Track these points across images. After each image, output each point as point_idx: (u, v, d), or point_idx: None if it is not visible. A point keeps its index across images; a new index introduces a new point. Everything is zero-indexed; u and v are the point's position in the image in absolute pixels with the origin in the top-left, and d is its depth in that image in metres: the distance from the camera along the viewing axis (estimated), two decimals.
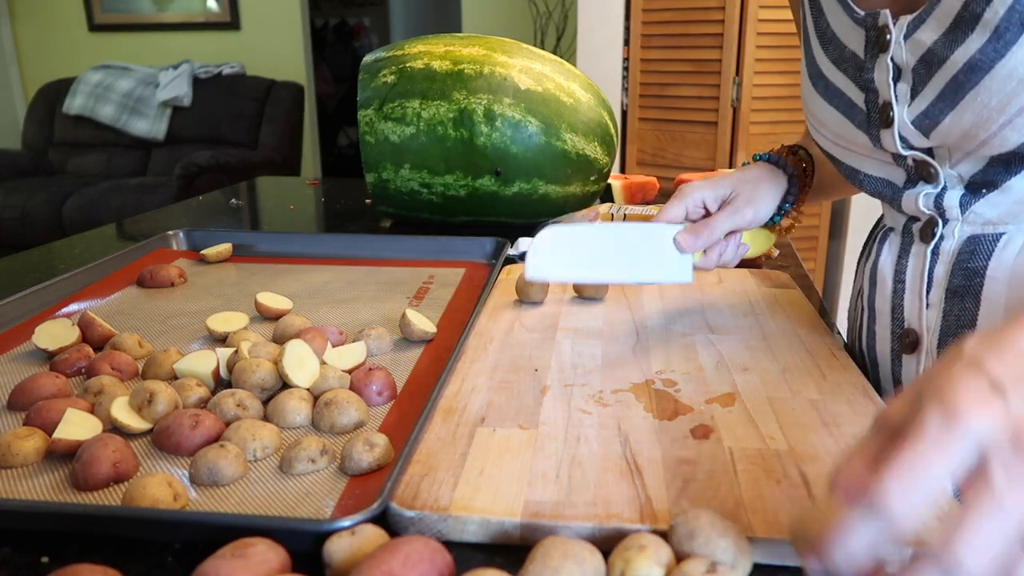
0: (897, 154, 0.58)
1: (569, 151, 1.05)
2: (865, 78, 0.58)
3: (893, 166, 0.61)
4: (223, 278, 0.91)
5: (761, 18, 2.23)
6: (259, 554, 0.37)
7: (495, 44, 1.08)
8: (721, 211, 0.70)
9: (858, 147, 0.62)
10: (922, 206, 0.59)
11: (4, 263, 0.98)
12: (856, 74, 0.59)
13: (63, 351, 0.65)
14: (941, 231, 0.59)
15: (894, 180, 0.62)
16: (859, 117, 0.60)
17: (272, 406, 0.55)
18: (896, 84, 0.56)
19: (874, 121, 0.59)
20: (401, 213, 1.13)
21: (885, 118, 0.57)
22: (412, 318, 0.69)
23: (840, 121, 0.62)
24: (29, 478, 0.48)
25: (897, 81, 0.56)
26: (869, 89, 0.58)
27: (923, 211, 0.59)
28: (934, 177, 0.58)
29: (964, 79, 0.51)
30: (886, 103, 0.57)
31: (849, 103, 0.60)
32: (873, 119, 0.59)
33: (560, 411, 0.53)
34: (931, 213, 0.59)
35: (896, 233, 0.65)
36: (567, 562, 0.35)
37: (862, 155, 0.63)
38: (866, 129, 0.60)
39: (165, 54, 4.24)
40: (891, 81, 0.56)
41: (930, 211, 0.59)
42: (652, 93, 2.49)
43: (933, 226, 0.59)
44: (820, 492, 0.43)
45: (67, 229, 3.37)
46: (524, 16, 3.90)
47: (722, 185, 0.71)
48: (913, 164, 0.58)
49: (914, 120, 0.55)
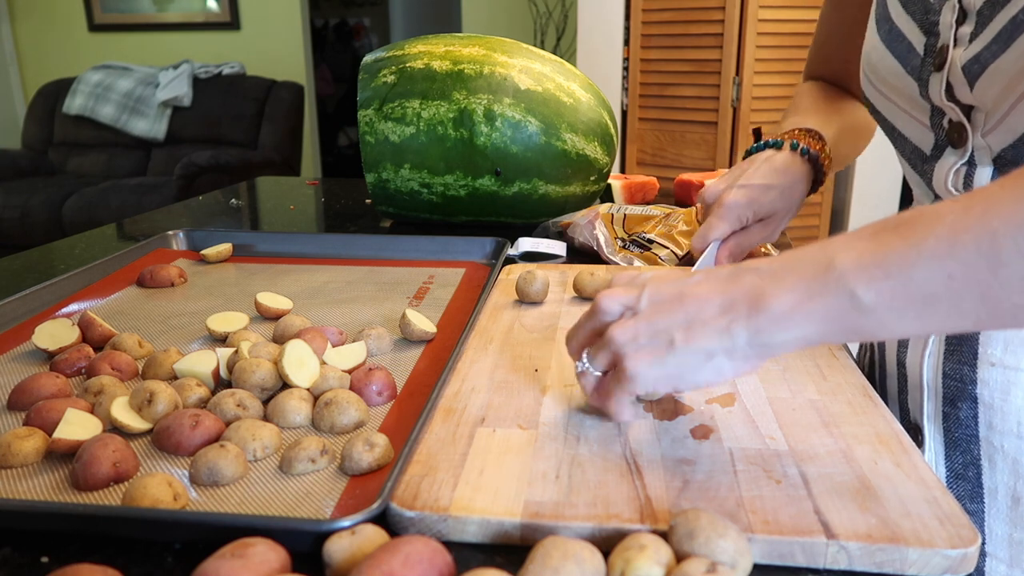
0: (937, 109, 0.59)
1: (569, 151, 1.05)
2: (930, 20, 0.59)
3: (927, 129, 0.61)
4: (223, 278, 0.91)
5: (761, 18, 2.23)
6: (259, 554, 0.37)
7: (495, 44, 1.08)
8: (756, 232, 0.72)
9: (902, 98, 0.63)
10: (950, 185, 0.60)
11: (4, 263, 0.98)
12: (922, 16, 0.60)
13: (63, 351, 0.65)
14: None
15: (923, 146, 0.63)
16: (914, 61, 0.61)
17: (272, 406, 0.55)
18: (959, 27, 0.57)
19: (927, 66, 0.59)
20: (401, 213, 1.13)
21: (939, 61, 0.58)
22: (412, 318, 0.69)
23: (893, 66, 0.63)
24: (29, 478, 0.48)
25: (960, 24, 0.57)
26: (932, 32, 0.59)
27: (951, 190, 0.60)
28: (963, 142, 0.58)
29: (1022, 18, 0.51)
30: (944, 46, 0.57)
31: (908, 47, 0.61)
32: (927, 64, 0.59)
33: (560, 411, 0.53)
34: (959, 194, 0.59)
35: None
36: (567, 562, 0.35)
37: (903, 109, 0.63)
38: (918, 75, 0.60)
39: (165, 54, 4.25)
40: (954, 23, 0.57)
41: (959, 190, 0.60)
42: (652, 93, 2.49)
43: None
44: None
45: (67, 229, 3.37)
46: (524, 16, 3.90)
47: (764, 204, 0.72)
48: (947, 126, 0.59)
49: (965, 65, 0.55)
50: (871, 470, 0.45)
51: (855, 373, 0.59)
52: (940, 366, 0.63)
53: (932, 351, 0.64)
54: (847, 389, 0.56)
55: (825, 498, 0.42)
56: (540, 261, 0.93)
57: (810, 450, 0.48)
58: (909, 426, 0.67)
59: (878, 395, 0.56)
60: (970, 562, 0.39)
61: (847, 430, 0.50)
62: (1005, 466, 0.60)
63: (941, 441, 0.64)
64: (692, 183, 1.23)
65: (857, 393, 0.56)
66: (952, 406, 0.63)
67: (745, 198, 0.71)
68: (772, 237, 0.75)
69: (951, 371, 0.62)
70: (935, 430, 0.64)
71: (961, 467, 0.63)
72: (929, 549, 0.38)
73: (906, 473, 0.45)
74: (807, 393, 0.56)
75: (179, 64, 3.96)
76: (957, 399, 0.62)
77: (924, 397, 0.65)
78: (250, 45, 4.30)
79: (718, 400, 0.55)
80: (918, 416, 0.66)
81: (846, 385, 0.57)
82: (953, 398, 0.62)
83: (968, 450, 0.62)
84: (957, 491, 0.63)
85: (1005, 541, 0.61)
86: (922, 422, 0.65)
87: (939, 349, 0.63)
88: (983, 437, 0.61)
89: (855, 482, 0.44)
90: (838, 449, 0.48)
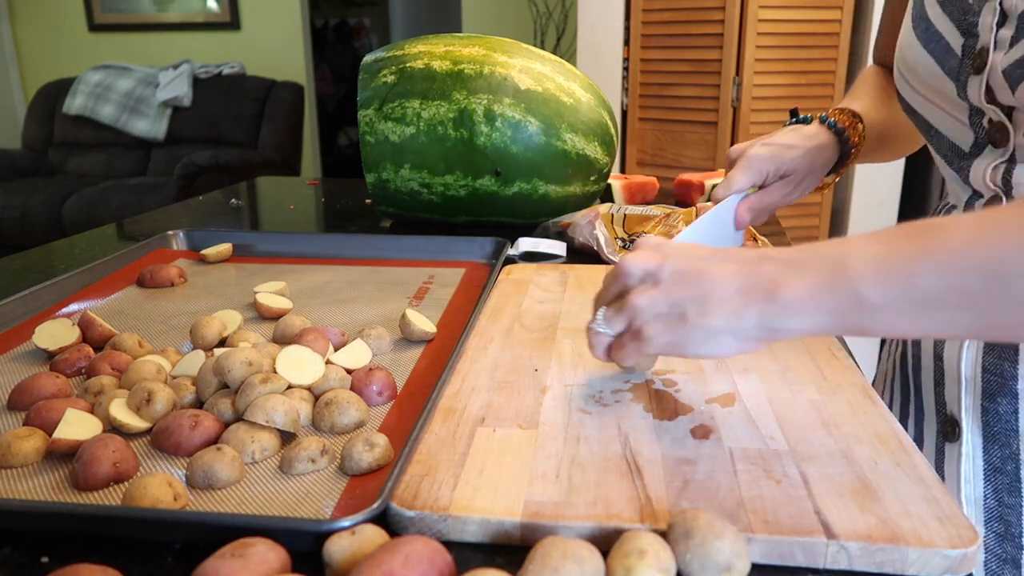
0: (977, 109, 0.59)
1: (569, 151, 1.05)
2: (969, 21, 0.58)
3: (966, 127, 0.61)
4: (223, 278, 0.91)
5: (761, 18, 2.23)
6: (259, 554, 0.37)
7: (495, 44, 1.08)
8: (776, 190, 0.73)
9: (939, 97, 0.63)
10: (989, 180, 0.60)
11: (4, 263, 0.98)
12: (960, 17, 0.59)
13: (63, 351, 0.65)
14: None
15: (961, 144, 0.62)
16: (951, 62, 0.60)
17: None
18: (999, 30, 0.56)
19: (965, 67, 0.59)
20: (401, 213, 1.13)
21: (979, 64, 0.57)
22: (412, 318, 0.69)
23: (931, 66, 0.62)
24: (29, 478, 0.48)
25: (1001, 27, 0.56)
26: (970, 33, 0.58)
27: (989, 185, 0.60)
28: (1005, 141, 0.58)
29: None
30: (984, 48, 0.57)
31: (945, 47, 0.61)
32: (965, 65, 0.59)
33: (560, 411, 0.53)
34: (997, 189, 0.60)
35: (958, 211, 0.65)
36: (567, 562, 0.35)
37: (940, 108, 0.63)
38: (955, 76, 0.60)
39: (165, 54, 4.24)
40: (995, 26, 0.56)
41: (996, 186, 0.60)
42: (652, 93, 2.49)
43: (997, 203, 0.60)
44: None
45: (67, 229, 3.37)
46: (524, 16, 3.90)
47: (787, 161, 0.73)
48: (988, 125, 0.59)
49: (1006, 69, 0.55)
50: (871, 470, 0.45)
51: (855, 373, 0.59)
52: (980, 360, 0.63)
53: (970, 344, 0.63)
54: (847, 389, 0.56)
55: (825, 498, 0.42)
56: (540, 261, 0.93)
57: (810, 450, 0.48)
58: (946, 418, 0.67)
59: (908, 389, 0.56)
60: (970, 562, 0.39)
61: (847, 430, 0.50)
62: None
63: (980, 435, 0.64)
64: (692, 183, 1.23)
65: (857, 393, 0.56)
66: (992, 400, 0.62)
67: (767, 153, 0.73)
68: (791, 198, 0.75)
69: (991, 366, 0.62)
70: (973, 423, 0.64)
71: (999, 461, 0.63)
72: (929, 549, 0.38)
73: (906, 473, 0.45)
74: (807, 393, 0.56)
75: (179, 64, 3.95)
76: (997, 394, 0.62)
77: (962, 391, 0.64)
78: (250, 45, 4.30)
79: (718, 400, 0.55)
80: (955, 409, 0.65)
81: (846, 385, 0.57)
82: (993, 393, 0.62)
83: (1007, 444, 0.62)
84: (995, 484, 0.63)
85: None
86: (960, 415, 0.65)
87: (978, 343, 0.63)
88: (1023, 432, 0.61)
89: (855, 482, 0.44)
90: (838, 449, 0.48)
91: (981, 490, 0.64)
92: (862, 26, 2.38)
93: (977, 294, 0.39)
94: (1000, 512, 0.63)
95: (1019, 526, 0.62)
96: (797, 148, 0.74)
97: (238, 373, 0.55)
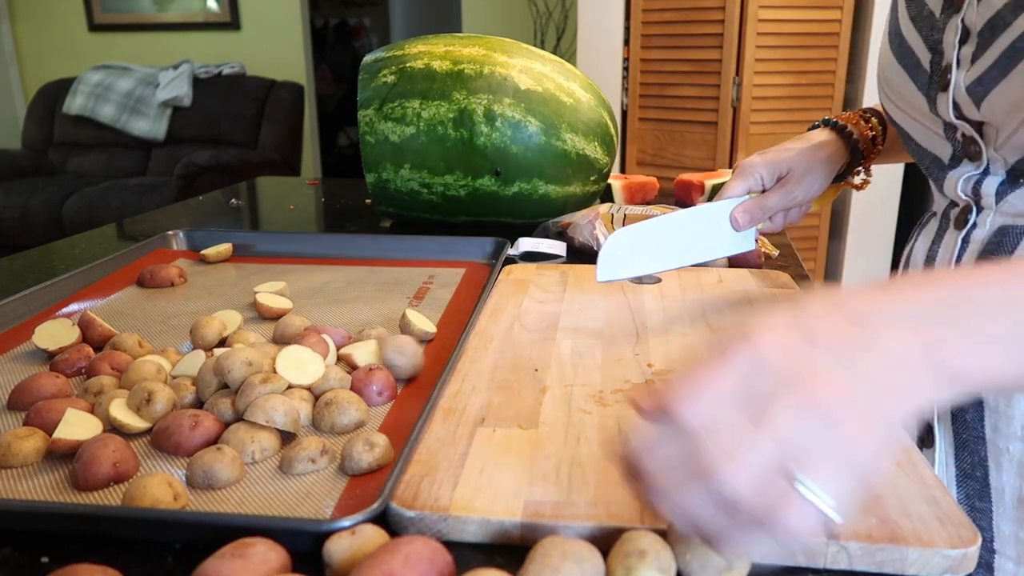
0: (949, 124, 0.60)
1: (569, 151, 1.05)
2: (935, 38, 0.59)
3: (943, 140, 0.62)
4: (223, 278, 0.91)
5: (761, 18, 2.23)
6: (259, 554, 0.37)
7: (495, 44, 1.08)
8: (774, 191, 0.73)
9: (916, 111, 0.63)
10: (960, 191, 0.61)
11: (4, 263, 0.98)
12: (928, 33, 0.60)
13: (63, 351, 0.65)
14: (974, 219, 0.60)
15: (940, 155, 0.63)
16: (922, 79, 0.61)
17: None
18: (961, 47, 0.57)
19: (934, 84, 0.60)
20: (401, 213, 1.13)
21: (944, 81, 0.58)
22: (412, 318, 0.69)
23: (905, 81, 0.63)
24: (29, 478, 0.48)
25: (963, 44, 0.56)
26: (936, 50, 0.59)
27: (960, 196, 0.61)
28: (978, 156, 0.59)
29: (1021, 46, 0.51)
30: (947, 65, 0.58)
31: (916, 63, 0.62)
32: (934, 82, 0.60)
33: (560, 411, 0.53)
34: (968, 199, 0.61)
35: (936, 218, 0.66)
36: (567, 562, 0.35)
37: (918, 121, 0.64)
38: (926, 91, 0.61)
39: (165, 54, 4.24)
40: (957, 43, 0.57)
41: (967, 197, 0.60)
42: (652, 93, 2.49)
43: (967, 213, 0.61)
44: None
45: (67, 229, 3.37)
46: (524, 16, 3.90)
47: (781, 163, 0.74)
48: (961, 139, 0.60)
49: (968, 86, 0.56)
50: None
51: None
52: None
53: None
54: None
55: None
56: (540, 261, 0.93)
57: None
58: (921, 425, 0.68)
59: None
60: (970, 562, 0.39)
61: None
62: (1011, 468, 0.61)
63: (950, 442, 0.65)
64: (692, 183, 1.23)
65: None
66: (959, 408, 0.63)
67: (762, 158, 0.74)
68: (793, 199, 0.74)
69: None
70: (944, 431, 0.66)
71: (969, 467, 0.64)
72: (929, 549, 0.38)
73: (906, 473, 0.45)
74: None
75: (179, 64, 3.95)
76: (963, 402, 0.63)
77: None
78: (250, 45, 4.30)
79: None
80: (930, 416, 0.67)
81: None
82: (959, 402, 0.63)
83: (975, 451, 0.63)
84: (967, 490, 0.64)
85: (1012, 539, 0.62)
86: (933, 422, 0.66)
87: None
88: (989, 439, 0.62)
89: None
90: None
91: (954, 495, 0.64)
92: (862, 26, 2.38)
93: None
94: (972, 517, 0.63)
95: (990, 531, 0.63)
96: (792, 149, 0.75)
97: (238, 373, 0.55)
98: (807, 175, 0.75)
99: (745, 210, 0.72)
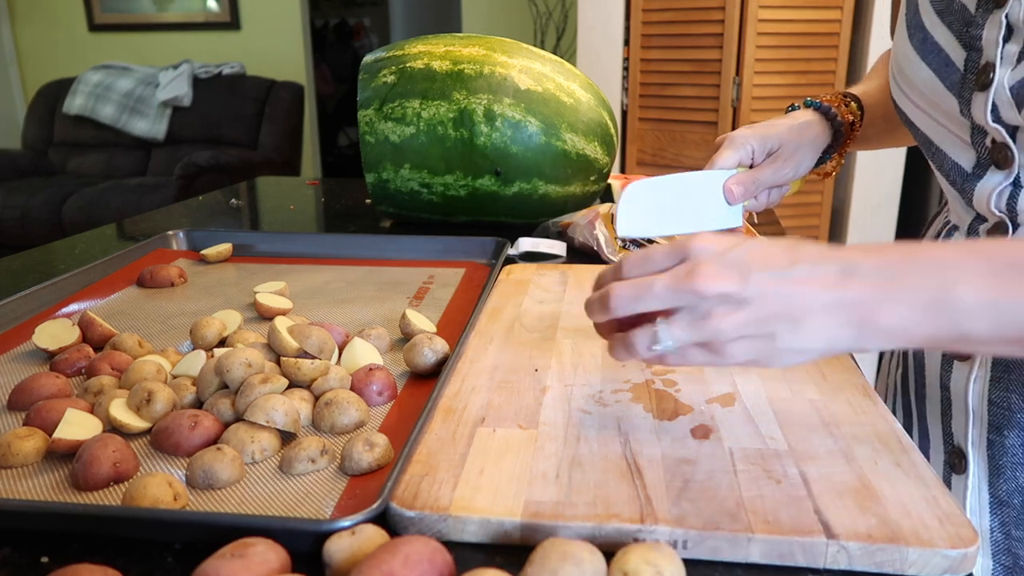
0: (979, 127, 0.56)
1: (569, 151, 1.05)
2: (971, 35, 0.55)
3: (966, 145, 0.58)
4: (223, 278, 0.91)
5: (761, 18, 2.24)
6: (259, 554, 0.37)
7: (495, 44, 1.08)
8: (766, 165, 0.72)
9: (941, 114, 0.59)
10: (993, 206, 0.57)
11: (4, 263, 0.98)
12: (962, 29, 0.56)
13: (63, 351, 0.65)
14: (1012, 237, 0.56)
15: (962, 162, 0.59)
16: (953, 76, 0.57)
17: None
18: (1005, 44, 0.53)
19: (969, 83, 0.56)
20: (401, 213, 1.13)
21: (984, 80, 0.54)
22: (412, 318, 0.69)
23: (930, 80, 0.59)
24: (29, 478, 0.48)
25: (1007, 41, 0.53)
26: (973, 47, 0.55)
27: (994, 211, 0.57)
28: (1008, 163, 0.55)
29: None
30: (988, 63, 0.54)
31: (945, 60, 0.57)
32: (968, 81, 0.56)
33: (560, 411, 0.53)
34: (1002, 216, 0.57)
35: (961, 233, 0.62)
36: (566, 563, 0.35)
37: (942, 125, 0.60)
38: (958, 91, 0.57)
39: (165, 54, 4.24)
40: (1000, 40, 0.53)
41: (1001, 213, 0.57)
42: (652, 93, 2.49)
43: (1003, 231, 0.57)
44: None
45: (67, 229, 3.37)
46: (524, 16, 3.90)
47: (771, 138, 0.73)
48: (991, 145, 0.56)
49: (1013, 86, 0.52)
50: (871, 470, 0.45)
51: (855, 373, 0.59)
52: (986, 393, 0.60)
53: (977, 376, 0.61)
54: (847, 389, 0.56)
55: (825, 498, 0.42)
56: (540, 261, 0.93)
57: (810, 450, 0.48)
58: (953, 449, 0.65)
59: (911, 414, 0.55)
60: (970, 562, 0.39)
61: (847, 430, 0.50)
62: None
63: (985, 467, 0.62)
64: None
65: (857, 393, 0.56)
66: (999, 433, 0.60)
67: (751, 131, 0.73)
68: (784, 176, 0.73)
69: (997, 399, 0.60)
70: (979, 456, 0.62)
71: (1006, 494, 0.61)
72: (929, 549, 0.38)
73: (906, 473, 0.45)
74: (807, 393, 0.56)
75: (179, 64, 3.95)
76: (1004, 427, 0.60)
77: (969, 423, 0.62)
78: (250, 45, 4.30)
79: (718, 400, 0.55)
80: (962, 441, 0.63)
81: (846, 385, 0.57)
82: (999, 426, 0.60)
83: (1013, 477, 0.60)
84: (1002, 517, 0.61)
85: None
86: (966, 448, 0.63)
87: (985, 375, 0.60)
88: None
89: (855, 482, 0.44)
90: (838, 449, 0.48)
91: (988, 523, 0.62)
92: (862, 26, 2.38)
93: None
94: (1007, 545, 0.61)
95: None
96: (781, 125, 0.74)
97: (238, 373, 0.55)
98: (796, 152, 0.73)
99: (739, 182, 0.70)
